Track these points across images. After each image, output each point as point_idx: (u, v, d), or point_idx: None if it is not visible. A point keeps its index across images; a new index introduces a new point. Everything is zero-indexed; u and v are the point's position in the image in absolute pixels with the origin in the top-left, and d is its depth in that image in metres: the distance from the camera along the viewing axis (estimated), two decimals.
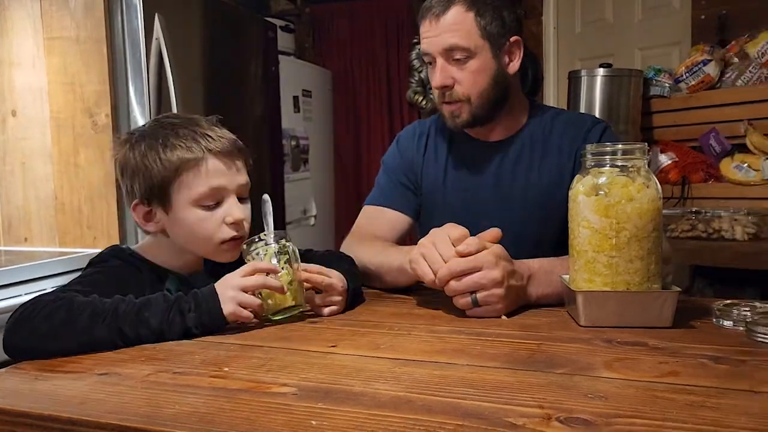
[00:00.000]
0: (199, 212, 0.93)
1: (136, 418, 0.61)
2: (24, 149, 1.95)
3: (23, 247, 1.96)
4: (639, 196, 0.86)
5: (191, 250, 0.98)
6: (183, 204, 0.93)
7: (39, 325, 0.81)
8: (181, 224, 0.94)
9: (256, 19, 2.69)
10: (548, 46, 3.34)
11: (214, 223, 0.94)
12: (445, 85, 1.18)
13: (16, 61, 1.94)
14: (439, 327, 0.91)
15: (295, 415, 0.61)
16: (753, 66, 2.37)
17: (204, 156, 0.92)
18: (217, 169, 0.93)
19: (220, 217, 0.94)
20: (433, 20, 1.16)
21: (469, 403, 0.62)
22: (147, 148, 0.93)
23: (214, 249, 0.96)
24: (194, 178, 0.92)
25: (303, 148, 3.32)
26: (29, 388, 0.72)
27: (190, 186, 0.92)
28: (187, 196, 0.92)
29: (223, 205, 0.94)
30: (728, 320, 0.87)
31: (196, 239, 0.95)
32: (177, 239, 0.97)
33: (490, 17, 1.15)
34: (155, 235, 0.99)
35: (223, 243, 0.95)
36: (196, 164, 0.92)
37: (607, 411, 0.59)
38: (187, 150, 0.92)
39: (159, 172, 0.92)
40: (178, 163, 0.91)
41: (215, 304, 0.86)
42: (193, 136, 0.93)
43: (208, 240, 0.94)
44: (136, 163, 0.93)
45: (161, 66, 1.92)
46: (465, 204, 1.27)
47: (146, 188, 0.93)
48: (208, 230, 0.93)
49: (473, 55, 1.16)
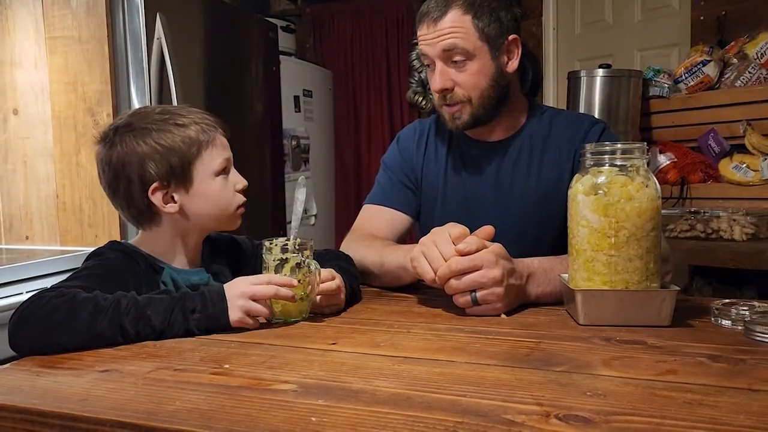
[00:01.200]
0: (220, 182, 1.00)
1: (137, 414, 0.62)
2: (26, 148, 1.95)
3: (24, 246, 1.96)
4: (638, 195, 0.87)
5: (208, 224, 1.03)
6: (206, 176, 0.99)
7: (43, 321, 0.81)
8: (204, 197, 0.99)
9: (257, 19, 2.69)
10: (548, 47, 3.34)
11: (230, 191, 1.02)
12: (445, 88, 1.18)
13: (18, 61, 1.94)
14: (438, 325, 0.91)
15: (295, 412, 0.61)
16: (752, 67, 2.37)
17: (214, 132, 1.01)
18: (223, 143, 1.02)
19: (232, 184, 1.02)
20: (431, 24, 1.16)
21: (468, 400, 0.63)
22: (156, 132, 0.97)
23: (231, 216, 1.03)
24: (212, 151, 1.00)
25: (303, 147, 3.33)
26: (30, 384, 0.72)
27: (211, 157, 0.99)
28: (209, 168, 0.99)
29: (231, 175, 1.03)
30: (727, 319, 0.87)
31: (218, 208, 1.01)
32: (198, 214, 1.00)
33: (487, 19, 1.16)
34: (150, 230, 1.01)
35: (237, 209, 1.03)
36: (210, 141, 1.00)
37: (606, 408, 0.60)
38: (202, 131, 0.99)
39: (179, 153, 0.97)
40: (198, 141, 0.98)
41: (222, 308, 0.87)
42: (192, 116, 1.01)
43: (228, 207, 1.02)
44: (147, 151, 0.95)
45: (162, 65, 1.93)
46: (465, 204, 1.27)
47: (166, 170, 0.96)
48: (228, 197, 1.02)
49: (472, 58, 1.16)
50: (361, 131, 3.85)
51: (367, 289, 1.17)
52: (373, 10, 3.75)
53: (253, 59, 2.58)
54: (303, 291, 0.94)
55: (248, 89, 2.54)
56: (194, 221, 1.00)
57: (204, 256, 1.05)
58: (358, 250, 1.20)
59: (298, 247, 0.96)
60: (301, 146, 3.30)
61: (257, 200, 2.60)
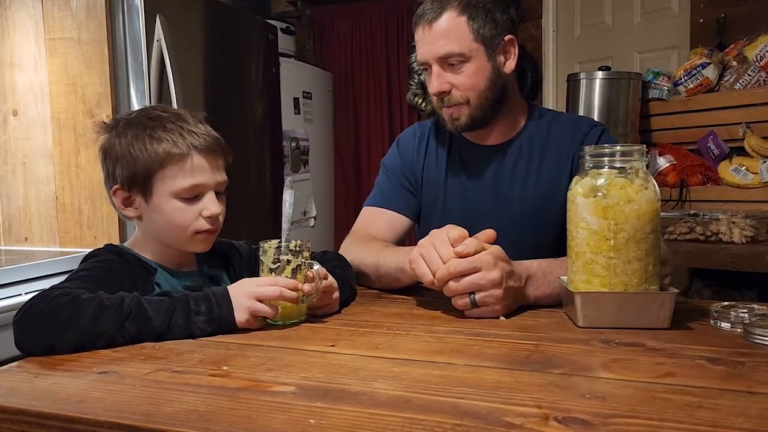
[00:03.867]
0: (178, 203, 0.95)
1: (135, 416, 0.61)
2: (25, 149, 1.95)
3: (24, 247, 1.96)
4: (637, 197, 0.87)
5: (164, 239, 0.99)
6: (163, 194, 0.95)
7: (48, 319, 0.81)
8: (160, 213, 0.96)
9: (257, 21, 2.70)
10: (547, 49, 3.35)
11: (191, 215, 0.96)
12: (442, 91, 1.18)
13: (18, 62, 1.94)
14: (437, 327, 0.91)
15: (294, 414, 0.61)
16: (751, 69, 2.38)
17: (189, 152, 0.95)
18: (200, 166, 0.96)
19: (198, 209, 0.96)
20: (427, 27, 1.16)
21: (468, 402, 0.62)
22: (133, 137, 0.95)
23: (188, 239, 0.98)
24: (178, 172, 0.94)
25: (303, 149, 3.33)
26: (29, 386, 0.72)
27: (173, 178, 0.95)
28: (169, 188, 0.95)
29: (201, 200, 0.97)
30: (726, 322, 0.87)
31: (171, 228, 0.97)
32: (151, 227, 0.99)
33: (483, 20, 1.16)
34: (140, 226, 1.01)
35: (198, 233, 0.97)
36: (180, 159, 0.94)
37: (605, 411, 0.60)
38: (173, 144, 0.94)
39: (144, 162, 0.94)
40: (164, 156, 0.94)
41: (229, 312, 0.87)
42: (179, 131, 0.96)
43: (183, 229, 0.97)
44: (121, 150, 0.96)
45: (162, 67, 1.93)
46: (464, 207, 1.27)
47: (129, 175, 0.96)
48: (185, 221, 0.96)
49: (468, 59, 1.16)
50: (361, 133, 3.86)
51: (366, 291, 1.17)
52: (373, 12, 3.76)
53: (252, 61, 2.58)
54: (302, 293, 0.94)
55: (248, 91, 2.55)
56: (152, 233, 0.99)
57: (199, 259, 1.05)
58: (357, 252, 1.20)
59: (297, 249, 0.96)
60: (301, 148, 3.30)
61: (256, 202, 2.60)
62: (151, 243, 1.01)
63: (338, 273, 1.04)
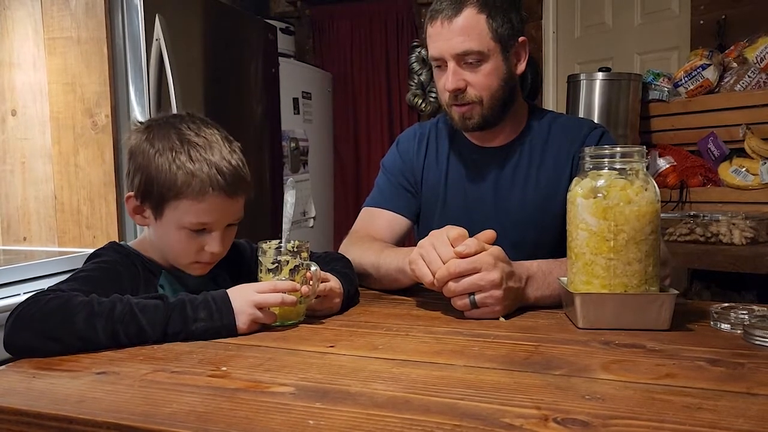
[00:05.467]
0: (183, 235, 0.94)
1: (133, 416, 0.61)
2: (24, 149, 1.95)
3: (22, 247, 1.96)
4: (637, 198, 0.87)
5: (163, 254, 0.99)
6: (172, 222, 0.94)
7: (38, 324, 0.81)
8: (165, 235, 0.96)
9: (257, 21, 2.70)
10: (547, 50, 3.35)
11: (194, 247, 0.95)
12: (458, 88, 1.17)
13: (17, 61, 1.94)
14: (437, 328, 0.91)
15: (293, 415, 0.61)
16: (752, 71, 2.38)
17: (208, 191, 0.92)
18: (215, 206, 0.93)
19: (202, 243, 0.95)
20: (445, 22, 1.15)
21: (467, 403, 0.62)
22: (159, 152, 0.93)
23: (186, 265, 0.98)
24: (191, 207, 0.92)
25: (302, 149, 3.33)
26: (26, 386, 0.72)
27: (185, 212, 0.92)
28: (179, 219, 0.93)
29: (208, 234, 0.95)
30: (726, 323, 0.87)
31: (172, 252, 0.97)
32: (156, 238, 0.99)
33: (501, 19, 1.15)
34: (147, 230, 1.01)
35: (195, 263, 0.97)
36: (197, 196, 0.92)
37: (605, 412, 0.60)
38: (193, 178, 0.91)
39: (162, 183, 0.92)
40: (182, 186, 0.91)
41: (230, 319, 0.87)
42: (206, 163, 0.92)
43: (183, 257, 0.97)
44: (144, 161, 0.94)
45: (161, 67, 1.92)
46: (464, 208, 1.27)
47: (145, 190, 0.95)
48: (186, 252, 0.96)
49: (486, 59, 1.15)
50: (360, 133, 3.85)
51: (366, 291, 1.17)
52: (373, 12, 3.76)
53: (252, 61, 2.58)
54: (301, 294, 0.93)
55: (247, 91, 2.54)
56: (156, 242, 0.99)
57: None
58: (356, 253, 1.20)
59: (296, 250, 0.95)
60: (300, 148, 3.30)
61: (256, 202, 2.60)
62: (153, 243, 1.00)
63: (345, 273, 1.04)
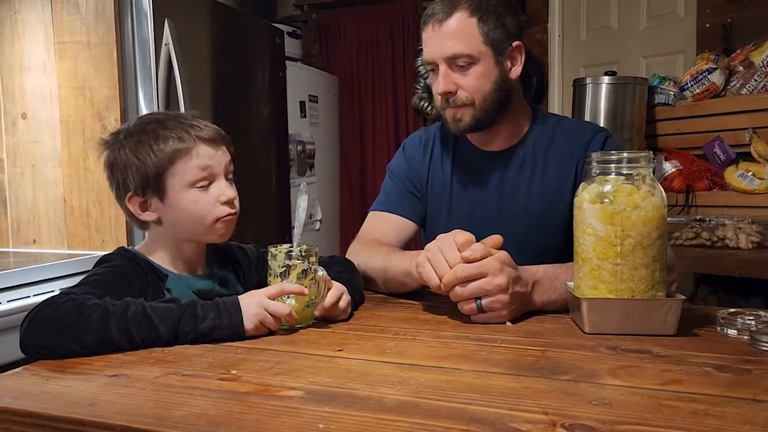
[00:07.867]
0: (195, 193, 0.98)
1: (145, 419, 0.62)
2: (34, 152, 1.96)
3: (32, 249, 1.97)
4: (644, 203, 0.87)
5: (186, 234, 1.01)
6: (178, 189, 0.97)
7: (53, 325, 0.82)
8: (177, 208, 0.98)
9: (264, 25, 2.71)
10: (553, 54, 3.35)
11: (209, 202, 0.98)
12: (448, 91, 1.18)
13: (27, 65, 1.96)
14: (444, 332, 0.92)
15: (303, 419, 0.61)
16: (758, 74, 2.37)
17: (195, 143, 0.97)
18: (206, 153, 0.98)
19: (214, 196, 0.99)
20: (436, 26, 1.17)
21: (475, 408, 0.63)
22: (137, 143, 0.97)
23: (209, 228, 0.99)
24: (187, 164, 0.97)
25: (309, 153, 3.34)
26: (39, 389, 0.73)
27: (183, 172, 0.97)
28: (182, 180, 0.97)
29: (214, 186, 0.99)
30: (732, 329, 0.87)
31: (193, 219, 0.99)
32: (172, 225, 1.00)
33: (493, 23, 1.16)
34: (152, 231, 1.02)
35: (218, 221, 0.99)
36: (187, 151, 0.97)
37: (612, 418, 0.60)
38: (178, 140, 0.97)
39: (153, 163, 0.96)
40: (171, 152, 0.96)
41: (237, 318, 0.88)
42: (181, 126, 0.98)
43: (204, 219, 0.98)
44: (128, 159, 0.97)
45: (170, 71, 1.94)
46: (469, 212, 1.28)
47: (141, 180, 0.97)
48: (204, 209, 0.98)
49: (476, 62, 1.17)
50: (367, 137, 3.86)
51: (373, 295, 1.17)
52: (379, 16, 3.76)
53: (259, 64, 2.60)
54: (309, 297, 0.94)
55: (254, 94, 2.56)
56: (174, 231, 1.00)
57: (209, 262, 1.06)
58: (363, 257, 1.20)
59: (304, 254, 0.96)
60: (307, 151, 3.31)
61: (263, 205, 2.61)
62: (162, 247, 1.01)
63: (345, 278, 1.05)
